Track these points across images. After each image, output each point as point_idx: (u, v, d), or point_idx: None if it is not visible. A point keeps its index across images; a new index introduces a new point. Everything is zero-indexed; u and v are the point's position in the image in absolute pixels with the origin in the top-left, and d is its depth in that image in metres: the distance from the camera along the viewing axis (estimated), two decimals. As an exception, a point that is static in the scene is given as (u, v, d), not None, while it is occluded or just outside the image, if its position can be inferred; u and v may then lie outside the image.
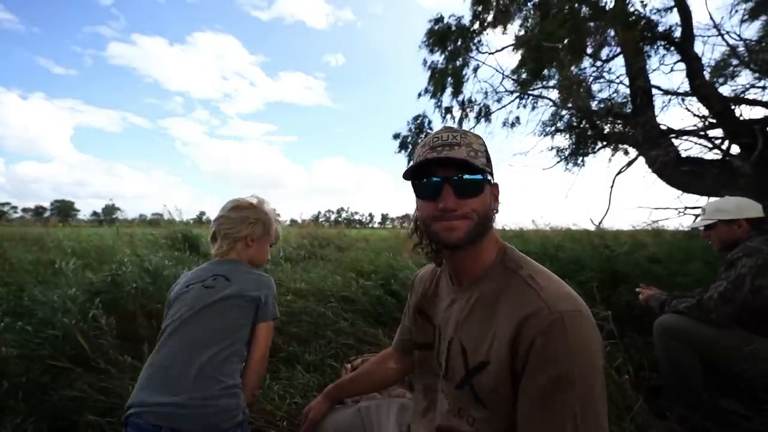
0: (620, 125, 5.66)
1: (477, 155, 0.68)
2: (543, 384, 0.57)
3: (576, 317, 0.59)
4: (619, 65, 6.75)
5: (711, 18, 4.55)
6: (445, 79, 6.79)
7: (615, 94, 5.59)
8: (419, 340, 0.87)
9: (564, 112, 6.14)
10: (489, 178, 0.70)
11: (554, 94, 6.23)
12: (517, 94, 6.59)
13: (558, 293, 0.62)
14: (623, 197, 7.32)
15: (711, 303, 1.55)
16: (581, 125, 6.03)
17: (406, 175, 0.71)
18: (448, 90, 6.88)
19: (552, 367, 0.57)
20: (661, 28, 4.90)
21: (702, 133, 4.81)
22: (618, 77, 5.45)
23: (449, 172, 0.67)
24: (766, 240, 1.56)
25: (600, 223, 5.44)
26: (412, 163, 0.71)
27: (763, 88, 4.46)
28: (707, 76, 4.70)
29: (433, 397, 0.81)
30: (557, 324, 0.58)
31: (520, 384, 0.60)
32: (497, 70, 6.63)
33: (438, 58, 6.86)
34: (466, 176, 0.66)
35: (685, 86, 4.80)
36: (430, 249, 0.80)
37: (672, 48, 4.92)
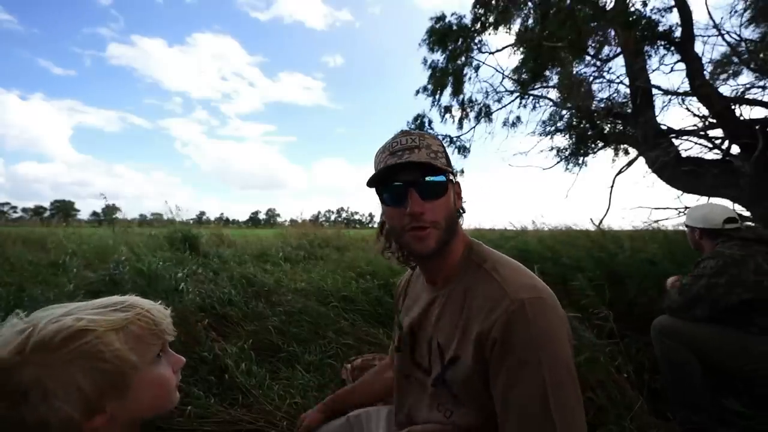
0: (620, 125, 5.65)
1: (437, 156, 0.68)
2: (509, 371, 0.58)
3: (537, 304, 0.60)
4: (619, 65, 6.76)
5: (711, 18, 4.55)
6: (445, 78, 6.79)
7: (615, 94, 5.58)
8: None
9: (564, 112, 6.14)
10: (451, 178, 0.70)
11: (554, 94, 6.24)
12: (518, 93, 6.59)
13: (519, 282, 0.63)
14: (623, 197, 7.31)
15: (672, 296, 1.69)
16: (581, 125, 6.02)
17: (371, 183, 0.69)
18: (448, 89, 6.88)
19: (516, 355, 0.57)
20: (661, 28, 4.89)
21: (702, 133, 4.80)
22: (618, 77, 5.45)
23: (412, 176, 0.66)
24: (733, 245, 1.64)
25: (600, 223, 5.45)
26: (374, 171, 0.69)
27: (763, 87, 4.46)
28: (707, 76, 4.69)
29: (408, 396, 0.81)
30: (519, 312, 0.59)
31: (490, 373, 0.61)
32: (497, 70, 6.63)
33: (438, 57, 6.86)
34: (430, 178, 0.66)
35: (685, 86, 4.79)
36: (401, 254, 0.81)
37: (672, 48, 4.91)
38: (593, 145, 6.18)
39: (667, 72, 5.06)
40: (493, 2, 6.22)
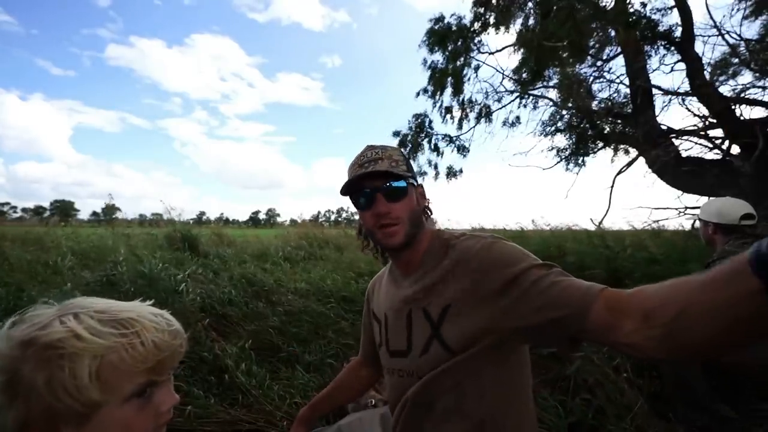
0: (620, 125, 5.66)
1: (398, 164, 0.78)
2: (507, 279, 0.66)
3: (501, 240, 0.73)
4: (619, 65, 6.75)
5: (711, 18, 4.55)
6: (445, 79, 6.79)
7: (615, 94, 5.60)
8: (378, 342, 0.88)
9: (564, 112, 6.15)
10: (412, 182, 0.80)
11: (554, 94, 6.24)
12: (518, 93, 6.59)
13: (480, 236, 0.77)
14: (623, 197, 7.33)
15: None
16: (581, 125, 6.03)
17: (343, 192, 0.80)
18: (448, 90, 6.88)
19: (505, 268, 0.67)
20: (661, 28, 4.89)
21: (702, 133, 4.81)
22: (618, 77, 5.47)
23: (377, 183, 0.77)
24: (742, 244, 1.60)
25: (600, 223, 5.45)
26: (345, 182, 0.79)
27: (763, 87, 4.46)
28: (707, 75, 4.69)
29: (395, 390, 0.81)
30: (492, 244, 0.72)
31: (489, 296, 0.67)
32: (497, 70, 6.64)
33: (438, 57, 6.86)
34: (392, 184, 0.77)
35: (686, 86, 4.80)
36: (376, 250, 0.91)
37: (672, 48, 4.92)
38: (593, 145, 6.18)
39: (667, 72, 5.08)
40: (493, 1, 6.22)
